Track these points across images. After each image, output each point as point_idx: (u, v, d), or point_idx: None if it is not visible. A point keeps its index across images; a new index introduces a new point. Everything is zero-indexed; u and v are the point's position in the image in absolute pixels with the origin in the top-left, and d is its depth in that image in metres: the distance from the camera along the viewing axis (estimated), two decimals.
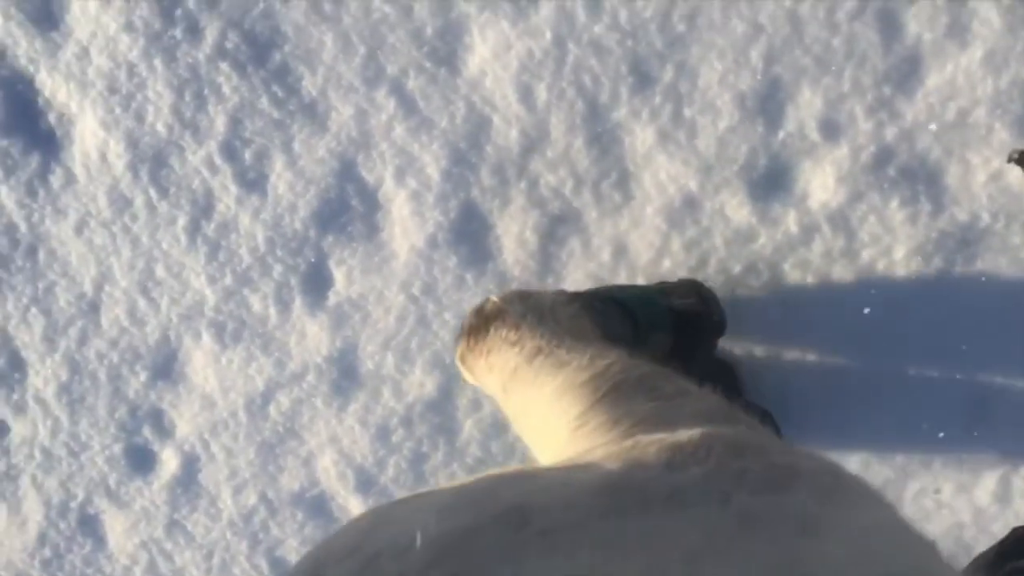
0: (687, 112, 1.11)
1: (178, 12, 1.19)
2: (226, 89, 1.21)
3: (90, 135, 1.27)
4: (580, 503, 0.42)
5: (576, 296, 0.98)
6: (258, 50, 1.19)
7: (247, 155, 1.23)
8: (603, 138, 1.14)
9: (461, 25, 1.14)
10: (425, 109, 1.17)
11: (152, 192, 1.27)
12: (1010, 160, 0.90)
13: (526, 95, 1.14)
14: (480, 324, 0.82)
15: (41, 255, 1.33)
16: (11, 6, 1.24)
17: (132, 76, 1.23)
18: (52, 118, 1.28)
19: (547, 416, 0.68)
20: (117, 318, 1.33)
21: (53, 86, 1.26)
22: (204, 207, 1.26)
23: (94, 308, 1.34)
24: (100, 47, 1.23)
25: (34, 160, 1.29)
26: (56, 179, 1.29)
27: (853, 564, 0.43)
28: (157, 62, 1.21)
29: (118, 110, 1.25)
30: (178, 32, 1.20)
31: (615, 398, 0.64)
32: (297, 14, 1.17)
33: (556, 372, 0.71)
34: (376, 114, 1.19)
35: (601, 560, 0.39)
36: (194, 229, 1.27)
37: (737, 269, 1.13)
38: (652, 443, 0.50)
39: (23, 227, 1.32)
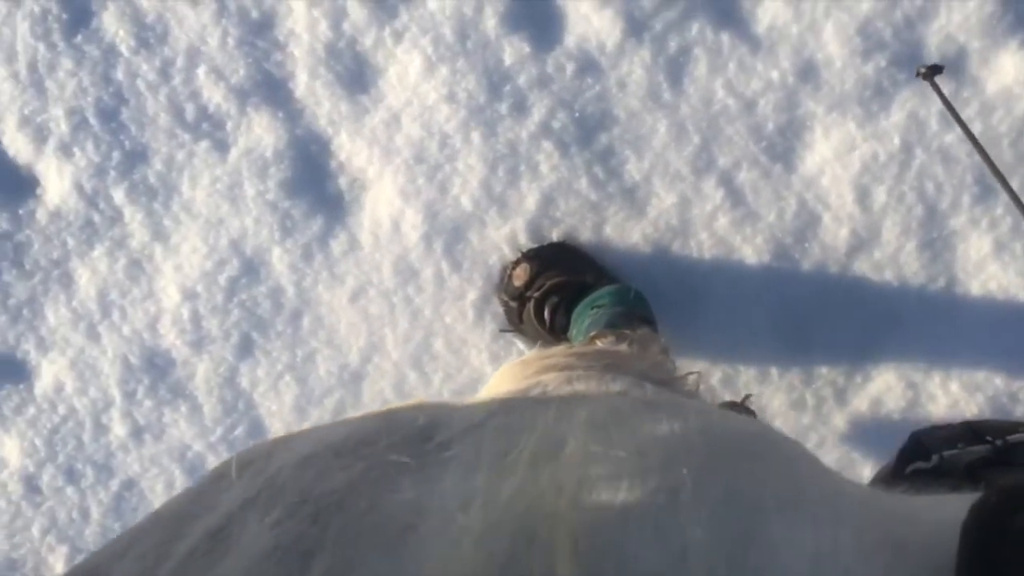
0: None
1: (507, 88, 1.17)
2: (544, 167, 1.19)
3: (385, 203, 1.23)
4: (478, 414, 0.44)
5: None
6: (585, 131, 1.18)
7: (554, 234, 1.21)
8: (936, 244, 1.15)
9: (804, 123, 1.15)
10: (753, 202, 1.17)
11: (444, 265, 1.23)
12: (917, 75, 0.96)
13: (863, 196, 1.15)
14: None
15: (306, 321, 1.27)
16: (320, 66, 1.20)
17: (444, 147, 1.20)
18: (343, 183, 1.23)
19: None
20: (381, 391, 1.28)
21: (351, 150, 1.22)
22: (498, 283, 1.22)
23: (356, 379, 1.28)
24: (413, 115, 1.20)
25: (316, 224, 1.24)
26: (338, 245, 1.24)
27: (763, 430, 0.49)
28: (475, 135, 1.19)
29: (421, 180, 1.21)
30: (503, 108, 1.18)
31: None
32: (633, 100, 1.16)
33: None
34: (700, 203, 1.18)
35: (503, 443, 0.40)
36: (484, 305, 1.23)
37: None
38: (554, 379, 0.57)
39: (291, 291, 1.27)
